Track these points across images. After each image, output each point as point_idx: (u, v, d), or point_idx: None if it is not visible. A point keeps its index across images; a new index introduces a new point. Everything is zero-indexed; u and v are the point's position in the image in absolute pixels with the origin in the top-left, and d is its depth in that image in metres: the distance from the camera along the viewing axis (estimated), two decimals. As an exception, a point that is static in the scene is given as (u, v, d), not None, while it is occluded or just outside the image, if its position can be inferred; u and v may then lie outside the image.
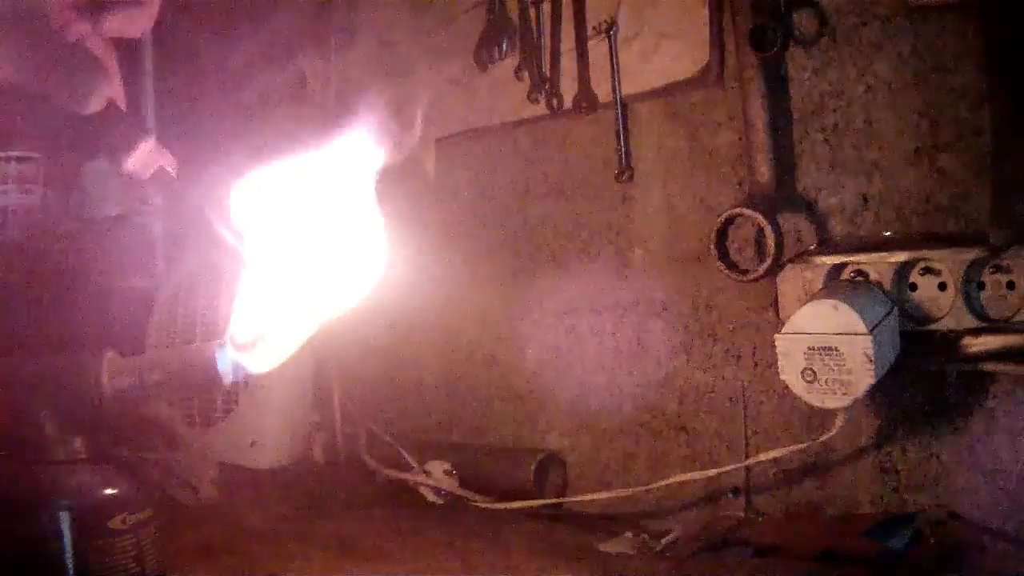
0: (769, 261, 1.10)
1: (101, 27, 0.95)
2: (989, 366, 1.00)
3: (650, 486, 1.20)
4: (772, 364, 0.99)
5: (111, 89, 0.97)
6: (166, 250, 1.84)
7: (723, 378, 1.22)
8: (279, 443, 1.59)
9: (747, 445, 1.19)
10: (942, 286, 1.02)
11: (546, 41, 1.32)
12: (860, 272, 1.06)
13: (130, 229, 1.77)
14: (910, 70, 1.06)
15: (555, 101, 1.32)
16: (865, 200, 1.10)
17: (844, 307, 0.94)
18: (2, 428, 0.76)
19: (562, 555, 1.13)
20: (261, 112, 1.70)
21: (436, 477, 1.38)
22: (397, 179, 1.59)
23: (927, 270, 1.03)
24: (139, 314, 1.68)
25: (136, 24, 0.98)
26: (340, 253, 0.79)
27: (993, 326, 0.99)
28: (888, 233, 1.09)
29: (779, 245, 1.09)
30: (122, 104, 1.01)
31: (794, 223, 1.14)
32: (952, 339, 1.01)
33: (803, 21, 1.12)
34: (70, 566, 0.73)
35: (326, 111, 1.60)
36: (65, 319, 1.50)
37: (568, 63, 1.31)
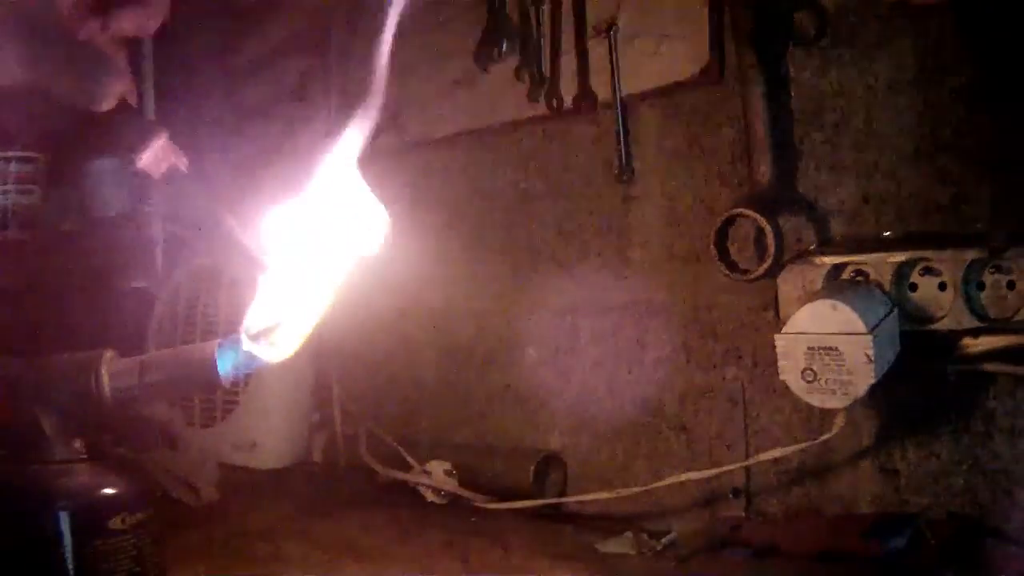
0: (769, 261, 1.10)
1: (110, 27, 0.95)
2: (989, 366, 1.00)
3: (650, 486, 1.20)
4: (772, 364, 0.99)
5: (122, 87, 0.97)
6: (166, 250, 1.84)
7: (723, 378, 1.22)
8: (279, 443, 1.59)
9: (747, 445, 1.19)
10: (942, 286, 1.02)
11: (546, 41, 1.32)
12: (860, 272, 1.06)
13: (130, 229, 1.77)
14: (910, 70, 1.06)
15: (555, 101, 1.32)
16: (865, 200, 1.10)
17: (844, 307, 0.93)
18: (2, 428, 0.76)
19: (562, 555, 1.13)
20: (262, 112, 1.70)
21: (436, 477, 1.38)
22: (397, 179, 1.60)
23: (927, 270, 1.03)
24: (139, 314, 1.68)
25: (144, 24, 0.98)
26: (343, 248, 0.79)
27: (993, 326, 0.99)
28: (888, 233, 1.09)
29: (779, 245, 1.09)
30: (133, 102, 1.02)
31: (794, 223, 1.14)
32: (952, 339, 1.01)
33: (803, 21, 1.12)
34: (70, 566, 0.73)
35: (326, 111, 1.60)
36: (65, 319, 1.50)
37: (568, 63, 1.30)
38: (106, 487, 0.77)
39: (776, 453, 1.10)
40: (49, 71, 0.93)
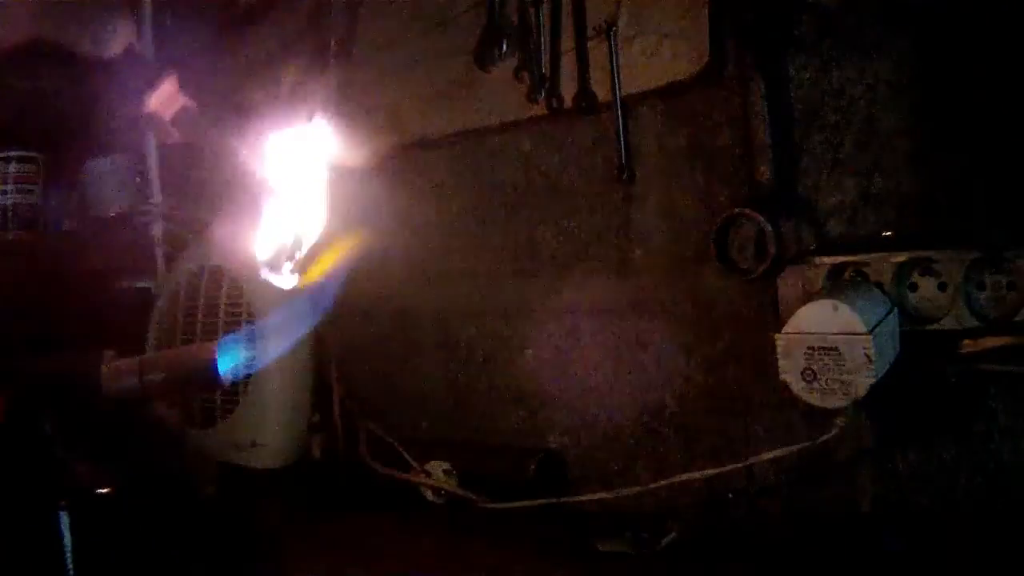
0: (769, 261, 1.10)
1: None
2: (989, 366, 1.00)
3: (650, 486, 1.20)
4: (772, 364, 0.99)
5: (129, 33, 0.97)
6: (166, 250, 1.84)
7: (723, 378, 1.22)
8: (279, 443, 1.58)
9: (747, 445, 1.19)
10: (942, 286, 1.02)
11: (546, 41, 1.32)
12: (860, 272, 1.06)
13: (130, 229, 1.77)
14: (910, 70, 1.06)
15: (555, 101, 1.32)
16: (865, 200, 1.10)
17: (844, 307, 0.94)
18: (3, 428, 0.76)
19: (562, 555, 1.13)
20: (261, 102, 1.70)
21: (436, 477, 1.39)
22: (397, 179, 1.60)
23: (927, 270, 1.03)
24: (139, 314, 1.68)
25: None
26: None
27: (993, 326, 0.99)
28: (888, 233, 1.09)
29: (779, 245, 1.09)
30: (139, 47, 1.02)
31: (794, 223, 1.14)
32: (952, 339, 1.01)
33: (803, 21, 1.12)
34: (70, 566, 0.74)
35: (325, 111, 1.60)
36: (65, 319, 1.50)
37: (568, 63, 1.30)
38: (105, 487, 0.77)
39: (776, 453, 1.10)
40: (56, 20, 0.93)
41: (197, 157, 1.60)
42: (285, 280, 0.78)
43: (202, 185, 1.67)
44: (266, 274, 0.77)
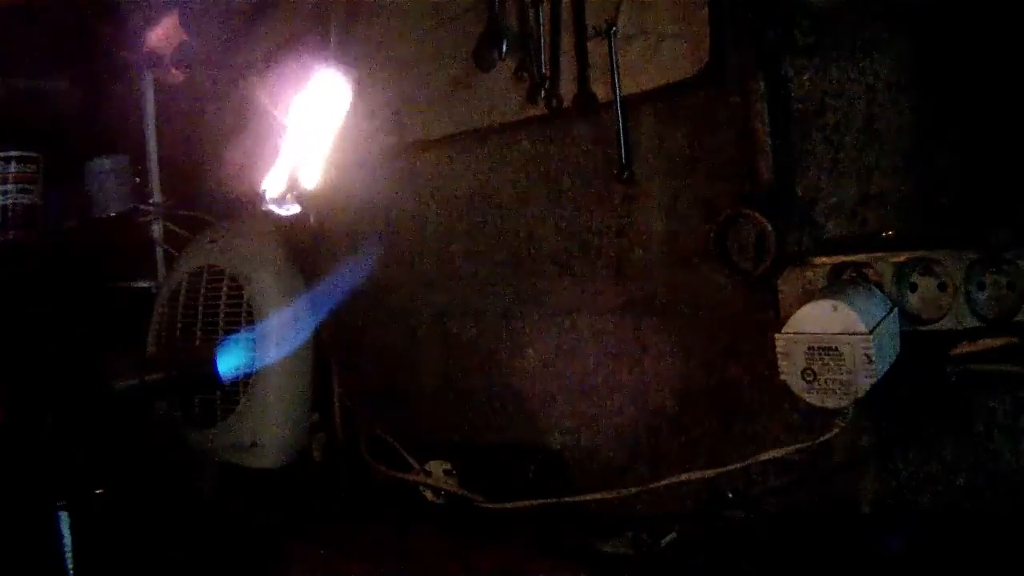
0: (769, 261, 1.10)
1: None
2: (989, 366, 1.00)
3: (650, 486, 1.20)
4: (772, 364, 0.99)
5: None
6: (166, 250, 1.84)
7: (723, 378, 1.22)
8: (279, 443, 1.59)
9: (747, 445, 1.19)
10: (942, 286, 1.02)
11: (546, 42, 1.32)
12: (860, 272, 1.06)
13: (130, 229, 1.77)
14: (910, 70, 1.06)
15: (555, 101, 1.32)
16: (865, 200, 1.10)
17: (844, 307, 0.94)
18: (3, 427, 0.76)
19: (562, 555, 1.13)
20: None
21: (436, 477, 1.39)
22: (397, 179, 1.60)
23: (927, 270, 1.03)
24: (139, 314, 1.68)
25: None
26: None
27: (993, 326, 0.99)
28: (888, 233, 1.09)
29: (779, 245, 1.09)
30: None
31: (794, 223, 1.14)
32: (952, 339, 1.01)
33: (803, 21, 1.12)
34: (70, 566, 0.74)
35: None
36: (65, 319, 1.50)
37: (568, 63, 1.30)
38: (104, 487, 0.77)
39: (776, 453, 1.10)
40: None
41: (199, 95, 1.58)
42: (288, 209, 0.79)
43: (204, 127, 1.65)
44: (272, 206, 0.78)
